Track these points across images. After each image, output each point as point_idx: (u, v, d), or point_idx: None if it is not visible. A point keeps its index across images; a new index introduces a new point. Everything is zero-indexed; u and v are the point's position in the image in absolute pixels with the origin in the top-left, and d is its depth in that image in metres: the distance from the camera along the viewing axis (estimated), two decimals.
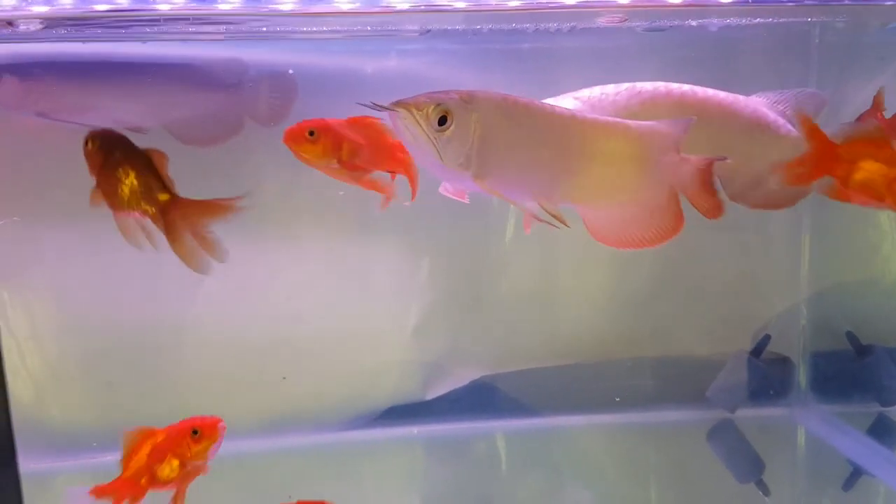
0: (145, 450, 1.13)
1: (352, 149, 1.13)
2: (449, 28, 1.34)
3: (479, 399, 1.58)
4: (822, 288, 1.62)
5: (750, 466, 1.56)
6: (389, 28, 1.32)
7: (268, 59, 1.36)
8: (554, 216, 1.04)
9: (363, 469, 1.52)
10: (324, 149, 1.12)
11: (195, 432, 1.13)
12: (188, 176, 1.22)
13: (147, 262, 1.38)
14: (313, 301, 1.50)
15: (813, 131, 1.17)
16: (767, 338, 1.62)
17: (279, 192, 1.45)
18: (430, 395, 1.57)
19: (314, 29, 1.29)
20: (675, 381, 1.63)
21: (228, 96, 1.34)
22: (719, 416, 1.61)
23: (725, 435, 1.62)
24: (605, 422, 1.62)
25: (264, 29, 1.28)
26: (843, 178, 1.17)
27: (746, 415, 1.61)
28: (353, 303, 1.52)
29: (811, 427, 1.62)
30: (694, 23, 1.33)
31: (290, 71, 1.35)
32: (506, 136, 1.01)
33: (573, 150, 1.04)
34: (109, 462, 1.40)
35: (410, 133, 0.97)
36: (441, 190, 1.09)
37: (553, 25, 1.32)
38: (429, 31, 1.33)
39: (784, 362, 1.64)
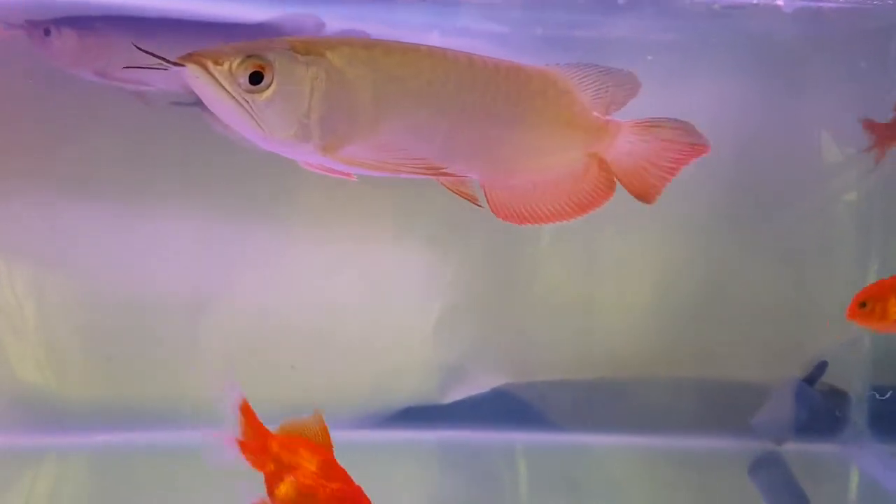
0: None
1: None
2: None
3: (501, 407, 1.52)
4: None
5: None
6: None
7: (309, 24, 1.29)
8: (458, 193, 0.85)
9: (372, 471, 1.43)
10: None
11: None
12: (230, 152, 1.16)
13: (161, 240, 1.36)
14: (333, 292, 1.46)
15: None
16: (824, 365, 1.51)
17: (309, 183, 1.40)
18: (449, 399, 1.51)
19: None
20: (717, 406, 1.54)
21: None
22: (764, 447, 1.52)
23: (769, 469, 1.52)
24: (636, 444, 1.53)
25: None
26: None
27: (794, 449, 1.51)
28: (376, 298, 1.47)
29: (866, 467, 1.52)
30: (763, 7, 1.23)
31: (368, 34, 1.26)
32: (368, 94, 0.80)
33: (466, 104, 0.84)
34: (106, 440, 1.41)
35: (211, 96, 0.76)
36: (302, 164, 0.86)
37: None
38: None
39: (840, 394, 1.54)
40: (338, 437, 1.48)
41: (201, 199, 1.39)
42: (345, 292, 1.45)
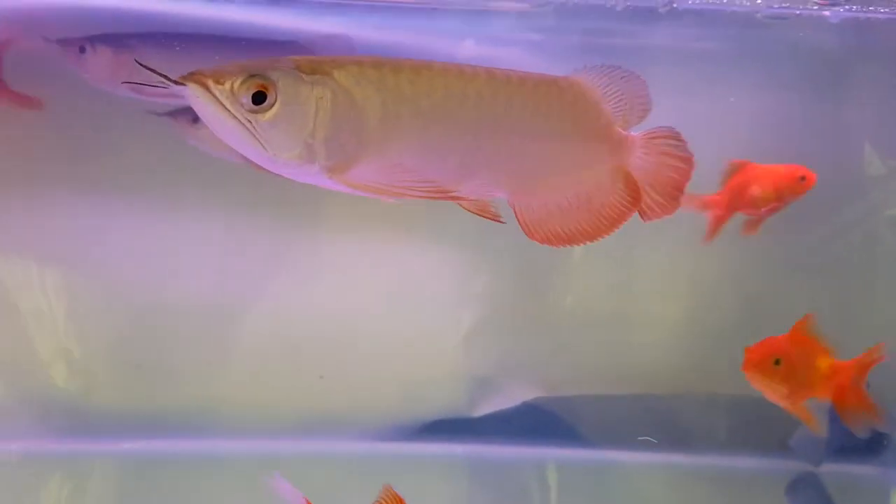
0: None
1: None
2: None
3: (532, 422, 1.49)
4: None
5: None
6: None
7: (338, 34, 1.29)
8: (479, 212, 0.82)
9: (400, 484, 1.42)
10: None
11: None
12: None
13: (191, 246, 1.36)
14: (362, 301, 1.44)
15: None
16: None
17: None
18: (479, 412, 1.49)
19: None
20: (754, 425, 1.50)
21: None
22: (801, 468, 1.48)
23: (807, 491, 1.49)
24: (670, 462, 1.49)
25: None
26: None
27: (833, 470, 1.47)
28: (406, 308, 1.46)
29: None
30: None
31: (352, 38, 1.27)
32: (376, 113, 0.77)
33: (485, 121, 0.81)
34: (134, 447, 1.41)
35: (213, 116, 0.74)
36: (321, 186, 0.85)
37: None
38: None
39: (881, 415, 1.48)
40: (364, 448, 1.49)
41: (230, 205, 1.38)
42: (374, 302, 1.44)
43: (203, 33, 1.22)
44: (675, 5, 1.15)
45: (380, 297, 1.44)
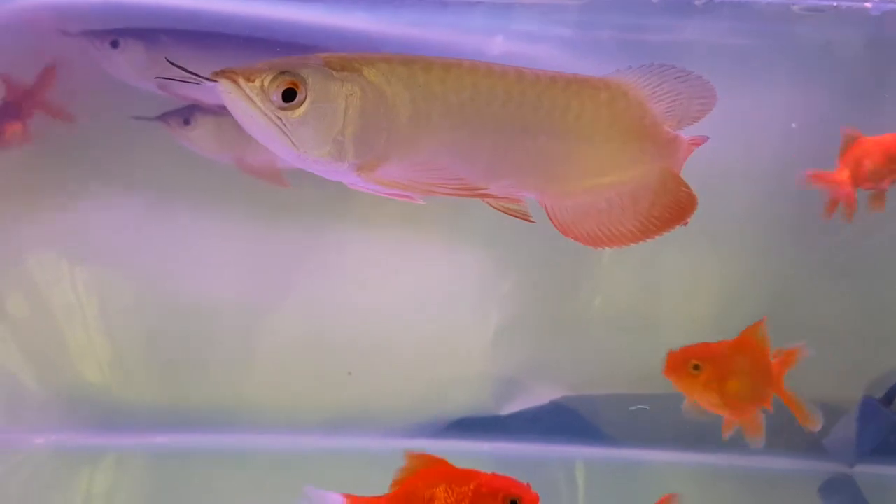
0: (424, 479, 0.97)
1: None
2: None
3: (559, 421, 1.48)
4: None
5: None
6: None
7: (369, 30, 1.28)
8: (507, 210, 0.81)
9: None
10: None
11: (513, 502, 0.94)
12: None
13: (220, 244, 1.37)
14: (391, 299, 1.44)
15: None
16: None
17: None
18: (506, 411, 1.48)
19: None
20: (785, 425, 1.46)
21: None
22: (835, 469, 1.46)
23: (841, 492, 1.46)
24: (699, 462, 1.47)
25: None
26: None
27: (868, 471, 1.44)
28: (434, 306, 1.45)
29: None
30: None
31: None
32: (406, 111, 0.76)
33: (514, 120, 0.79)
34: (164, 442, 1.42)
35: (244, 113, 0.74)
36: (350, 185, 0.83)
37: None
38: None
39: None
40: (390, 444, 1.48)
41: (259, 204, 1.38)
42: (402, 300, 1.44)
43: (232, 33, 1.21)
44: None
45: (408, 296, 1.43)
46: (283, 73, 0.73)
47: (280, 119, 0.73)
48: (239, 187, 1.37)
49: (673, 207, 0.84)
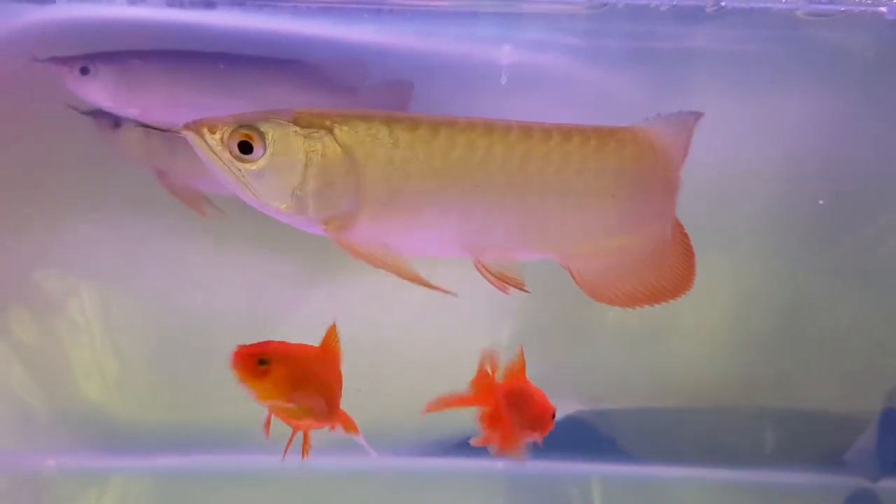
0: None
1: None
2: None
3: (572, 436, 1.45)
4: None
5: None
6: None
7: (377, 41, 1.26)
8: (498, 276, 0.81)
9: (438, 500, 1.41)
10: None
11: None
12: None
13: (227, 259, 1.35)
14: (400, 316, 1.42)
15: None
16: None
17: None
18: None
19: None
20: (805, 439, 1.45)
21: (346, 100, 1.23)
22: (858, 484, 1.43)
23: None
24: (716, 478, 1.45)
25: None
26: None
27: (891, 485, 1.42)
28: (445, 319, 1.42)
29: None
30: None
31: (410, 80, 1.23)
32: (378, 172, 0.76)
33: (517, 181, 0.77)
34: (171, 462, 1.40)
35: (209, 162, 0.77)
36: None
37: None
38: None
39: None
40: (400, 463, 1.46)
41: (265, 220, 1.36)
42: (410, 316, 1.41)
43: (206, 52, 1.18)
44: (722, 4, 1.11)
45: (416, 311, 1.41)
46: (242, 126, 0.75)
47: (240, 171, 0.76)
48: (243, 205, 1.36)
49: (678, 262, 0.83)
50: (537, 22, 1.27)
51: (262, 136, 0.76)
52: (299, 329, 1.40)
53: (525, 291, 0.81)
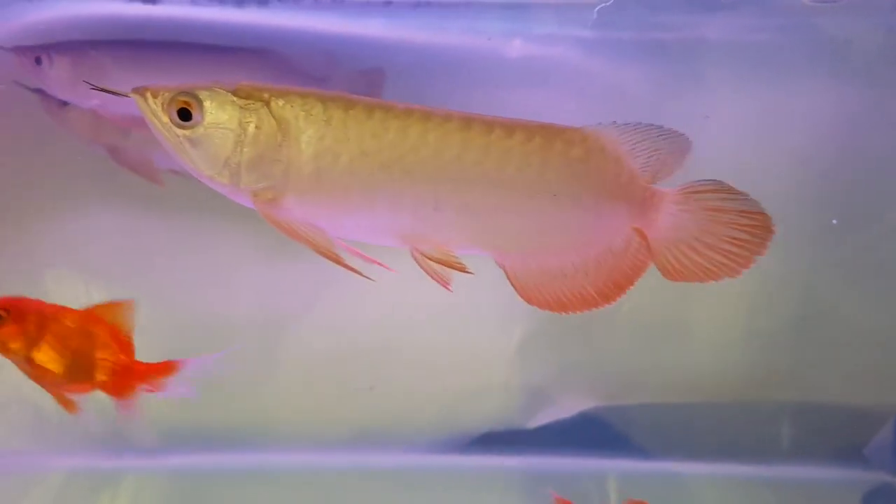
0: None
1: None
2: None
3: (588, 432, 1.45)
4: None
5: None
6: None
7: (388, 36, 1.25)
8: (438, 262, 0.80)
9: (452, 498, 1.41)
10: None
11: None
12: None
13: (238, 259, 1.35)
14: (415, 314, 1.40)
15: None
16: None
17: None
18: (533, 424, 1.45)
19: None
20: (824, 433, 1.43)
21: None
22: (879, 478, 1.42)
23: (885, 501, 1.41)
24: (736, 474, 1.44)
25: None
26: None
27: None
28: (458, 319, 1.42)
29: None
30: None
31: (381, 68, 1.22)
32: (311, 148, 0.76)
33: (446, 171, 0.76)
34: (184, 462, 1.39)
35: (153, 127, 0.78)
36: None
37: None
38: None
39: None
40: (415, 461, 1.45)
41: None
42: (426, 314, 1.40)
43: (165, 42, 1.15)
44: None
45: (431, 310, 1.39)
46: (182, 93, 0.76)
47: (177, 136, 0.77)
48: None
49: (630, 270, 0.81)
50: (547, 14, 1.25)
51: (200, 103, 0.76)
52: (312, 328, 1.41)
53: (468, 273, 0.80)
